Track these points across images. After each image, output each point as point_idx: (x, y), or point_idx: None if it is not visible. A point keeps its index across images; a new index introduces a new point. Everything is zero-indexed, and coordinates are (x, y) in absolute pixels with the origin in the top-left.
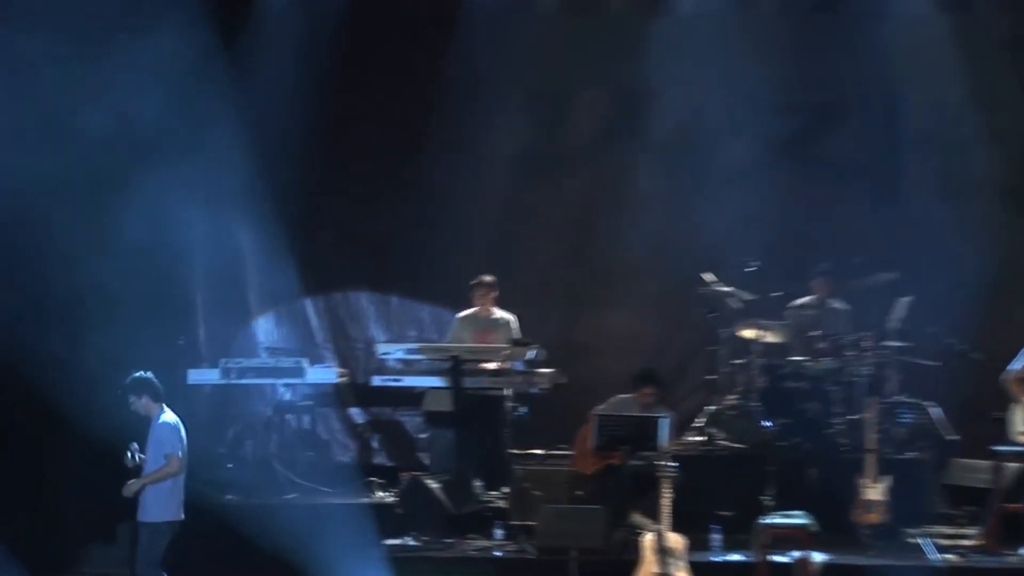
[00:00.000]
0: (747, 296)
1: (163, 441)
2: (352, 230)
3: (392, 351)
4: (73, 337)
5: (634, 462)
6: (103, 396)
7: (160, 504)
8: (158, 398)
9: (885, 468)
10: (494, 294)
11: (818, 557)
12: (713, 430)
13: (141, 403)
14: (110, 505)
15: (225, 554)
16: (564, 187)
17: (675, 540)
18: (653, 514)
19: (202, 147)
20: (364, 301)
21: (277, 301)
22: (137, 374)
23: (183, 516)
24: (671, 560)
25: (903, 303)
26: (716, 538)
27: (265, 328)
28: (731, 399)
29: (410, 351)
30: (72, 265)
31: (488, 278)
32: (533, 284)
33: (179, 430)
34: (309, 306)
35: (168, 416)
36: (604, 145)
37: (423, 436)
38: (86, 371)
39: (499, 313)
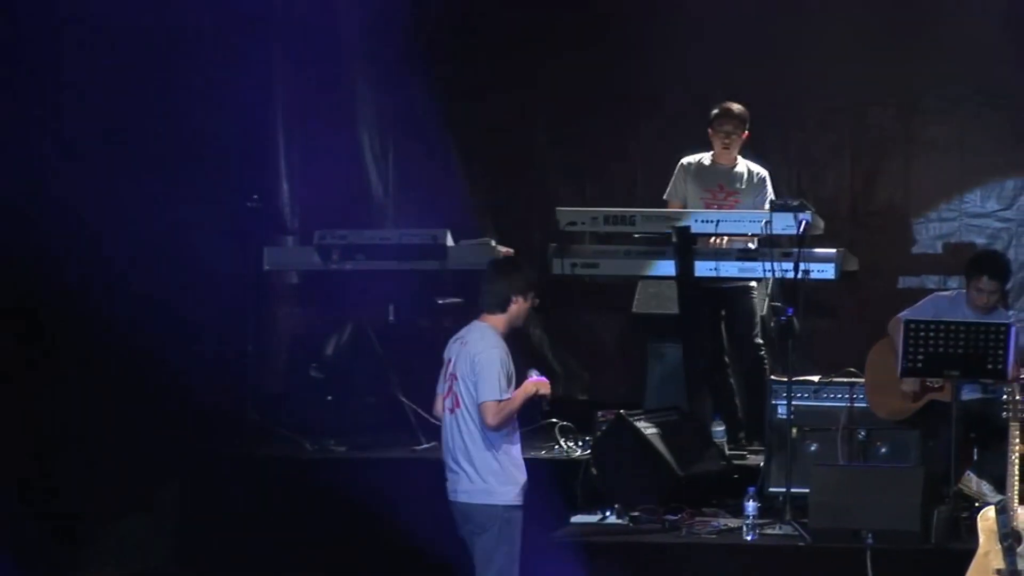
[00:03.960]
0: None
1: None
2: None
3: (579, 219)
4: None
5: (967, 397)
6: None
7: None
8: None
9: None
10: (744, 134)
11: None
12: None
13: None
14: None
15: (324, 536)
16: None
17: None
18: (997, 479)
19: None
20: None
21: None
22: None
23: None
24: (1022, 549)
25: None
26: None
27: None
28: None
29: (609, 218)
30: None
31: (737, 107)
32: (811, 122)
33: None
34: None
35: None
36: None
37: (632, 355)
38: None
39: (748, 165)
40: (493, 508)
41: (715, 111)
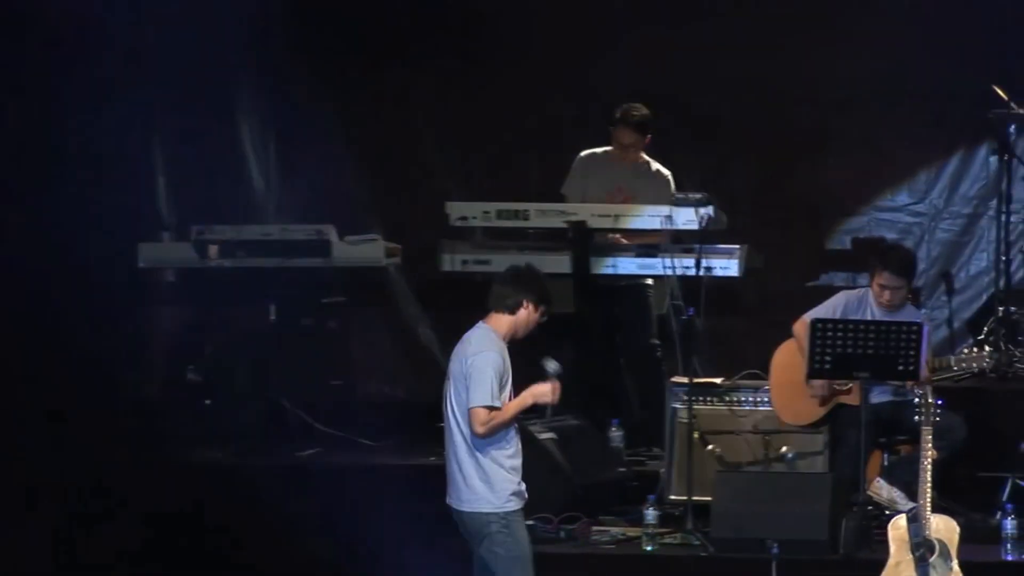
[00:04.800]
0: None
1: None
2: None
3: (470, 213)
4: None
5: (876, 400)
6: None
7: None
8: None
9: None
10: (646, 139)
11: None
12: (1005, 345)
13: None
14: None
15: (206, 546)
16: None
17: (942, 527)
18: (908, 485)
19: None
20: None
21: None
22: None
23: None
24: (934, 560)
25: None
26: (1009, 523)
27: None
28: None
29: (502, 212)
30: None
31: (638, 114)
32: (714, 112)
33: None
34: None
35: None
36: None
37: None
38: None
39: (650, 164)
40: (485, 516)
41: (617, 114)
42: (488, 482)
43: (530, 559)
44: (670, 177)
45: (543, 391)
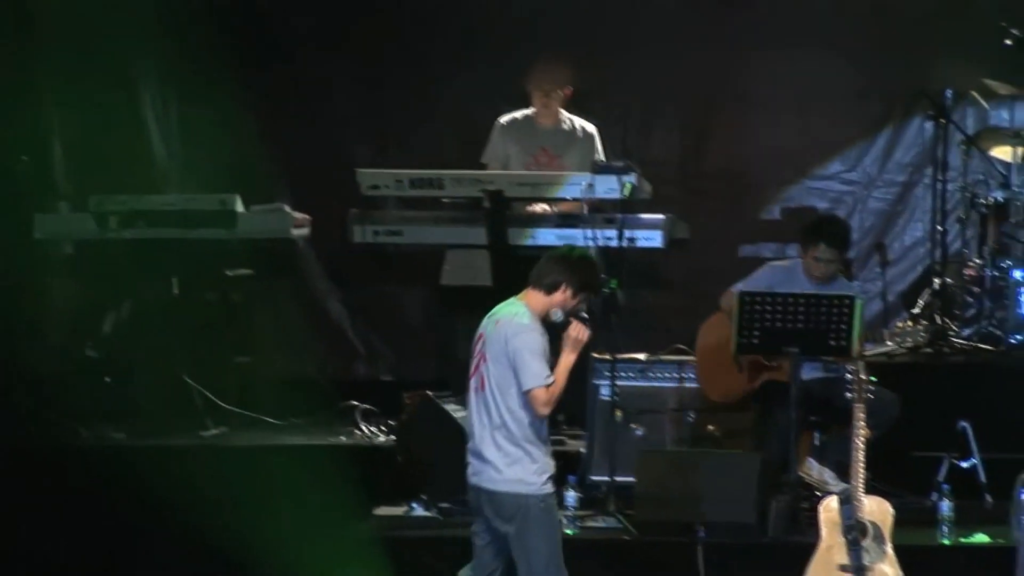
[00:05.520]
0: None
1: None
2: None
3: (382, 182)
4: None
5: (807, 377)
6: None
7: None
8: None
9: None
10: (566, 90)
11: None
12: (941, 319)
13: None
14: None
15: (99, 529)
16: None
17: (875, 509)
18: (840, 466)
19: None
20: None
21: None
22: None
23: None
24: (867, 543)
25: None
26: (946, 504)
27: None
28: (974, 268)
29: (416, 181)
30: None
31: (557, 62)
32: (634, 76)
33: None
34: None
35: None
36: None
37: (441, 332)
38: None
39: (573, 121)
40: (524, 498)
41: (533, 68)
42: (529, 464)
43: (560, 545)
44: (595, 132)
45: (577, 336)
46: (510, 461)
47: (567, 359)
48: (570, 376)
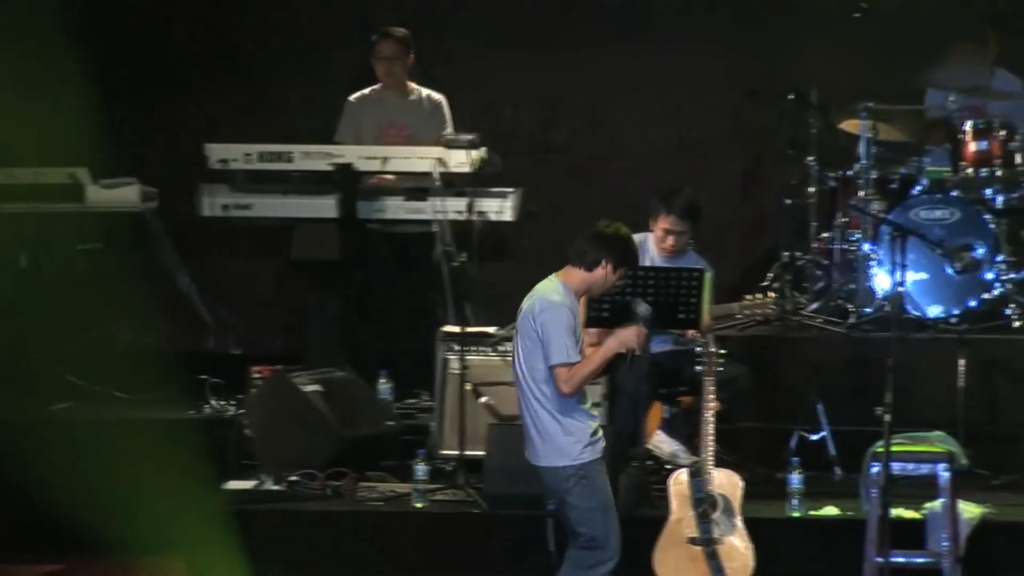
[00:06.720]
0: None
1: None
2: None
3: (231, 156)
4: None
5: (656, 350)
6: None
7: None
8: None
9: None
10: (409, 59)
11: (970, 512)
12: (790, 292)
13: None
14: None
15: None
16: None
17: (725, 482)
18: (689, 439)
19: None
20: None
21: None
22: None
23: None
24: (717, 516)
25: None
26: (796, 477)
27: None
28: (822, 241)
29: (265, 155)
30: None
31: (397, 30)
32: (483, 46)
33: None
34: None
35: None
36: None
37: (290, 306)
38: None
39: (420, 92)
40: (562, 470)
41: (374, 37)
42: (562, 436)
43: (612, 508)
44: (443, 101)
45: (628, 336)
46: (545, 435)
47: (607, 349)
48: (421, 350)
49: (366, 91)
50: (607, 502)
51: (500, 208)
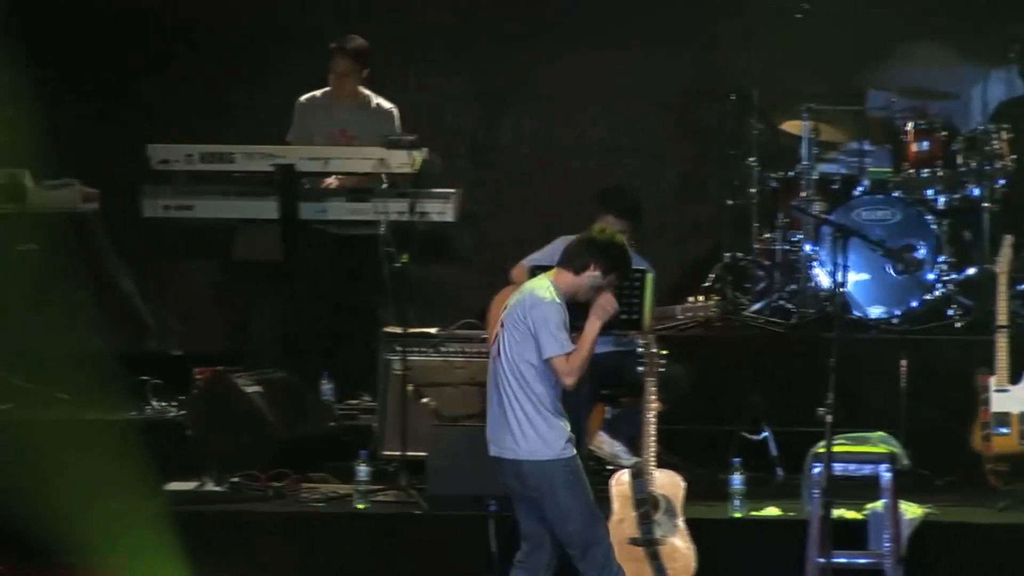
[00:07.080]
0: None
1: None
2: None
3: (172, 156)
4: None
5: (599, 350)
6: None
7: None
8: None
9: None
10: (364, 70)
11: (912, 512)
12: (732, 293)
13: None
14: None
15: None
16: None
17: (667, 482)
18: (631, 439)
19: None
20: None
21: None
22: None
23: None
24: (659, 516)
25: None
26: (737, 478)
27: None
28: (764, 241)
29: (207, 156)
30: None
31: (353, 43)
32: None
33: None
34: None
35: None
36: None
37: (232, 307)
38: None
39: (371, 98)
40: (548, 464)
41: (332, 45)
42: (547, 431)
43: (595, 504)
44: (393, 110)
45: (603, 306)
46: (528, 429)
47: (592, 327)
48: (363, 351)
49: (316, 93)
50: (591, 499)
51: (442, 209)
